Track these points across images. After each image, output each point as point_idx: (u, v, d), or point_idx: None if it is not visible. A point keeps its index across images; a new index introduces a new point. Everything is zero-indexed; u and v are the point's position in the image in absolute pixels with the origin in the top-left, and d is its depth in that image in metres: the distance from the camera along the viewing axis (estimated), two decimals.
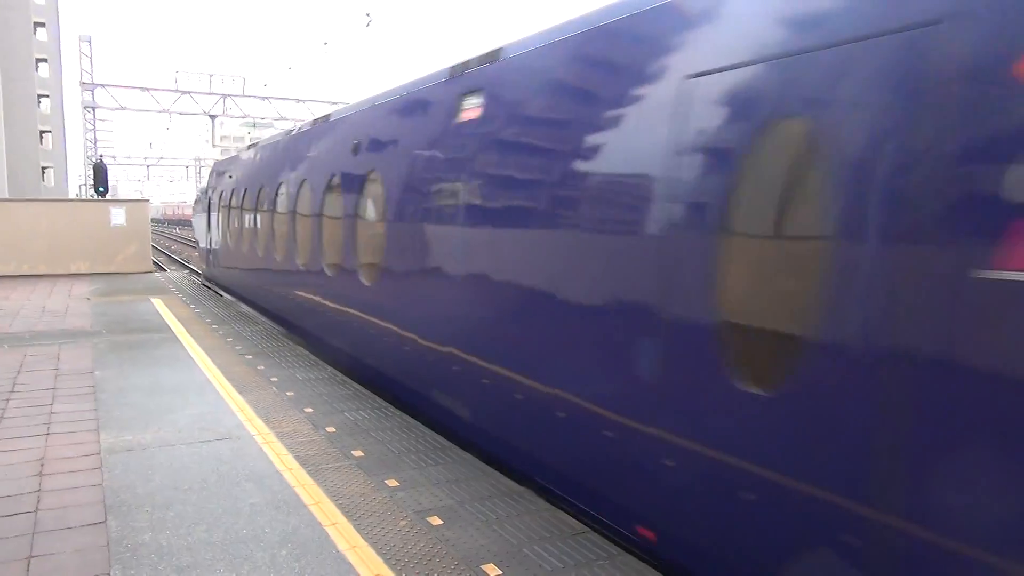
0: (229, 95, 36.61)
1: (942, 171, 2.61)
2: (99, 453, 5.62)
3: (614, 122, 4.31)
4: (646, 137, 4.02)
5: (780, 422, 3.22)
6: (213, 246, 18.37)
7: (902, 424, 2.76)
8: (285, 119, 36.72)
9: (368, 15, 26.14)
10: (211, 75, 37.15)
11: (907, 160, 2.72)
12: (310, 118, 13.50)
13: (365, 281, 7.97)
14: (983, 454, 2.54)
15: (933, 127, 2.65)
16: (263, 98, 37.24)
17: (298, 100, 37.65)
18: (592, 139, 4.47)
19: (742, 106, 3.47)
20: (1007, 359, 2.44)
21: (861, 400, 2.88)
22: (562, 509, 4.73)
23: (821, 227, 3.06)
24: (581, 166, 4.52)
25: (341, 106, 11.33)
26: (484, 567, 3.92)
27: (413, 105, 7.18)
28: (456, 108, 6.19)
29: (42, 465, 5.39)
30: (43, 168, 55.20)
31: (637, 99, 4.15)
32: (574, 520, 4.54)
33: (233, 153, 18.73)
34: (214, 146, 42.96)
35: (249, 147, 15.36)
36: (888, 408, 2.80)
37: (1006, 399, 2.45)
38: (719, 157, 3.55)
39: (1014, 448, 2.45)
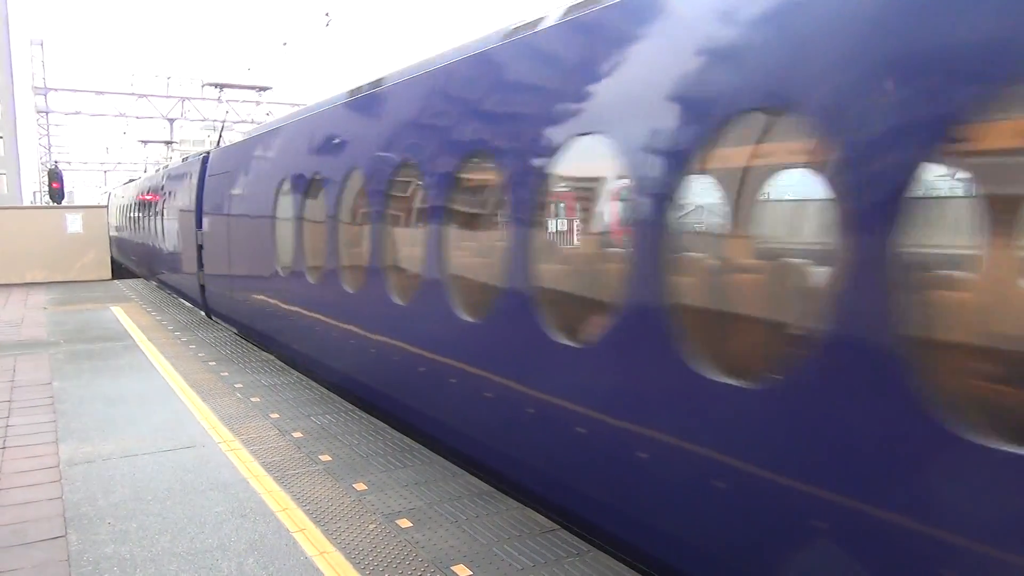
0: (187, 97, 36.01)
1: None
2: (58, 466, 5.49)
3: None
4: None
5: None
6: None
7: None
8: (245, 121, 36.21)
9: (327, 14, 25.92)
10: (168, 77, 36.60)
11: None
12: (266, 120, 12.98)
13: None
14: None
15: None
16: (222, 100, 36.66)
17: (257, 103, 37.15)
18: None
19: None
20: None
21: None
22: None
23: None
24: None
25: (302, 107, 11.02)
26: (454, 568, 3.92)
27: None
28: None
29: None
30: None
31: None
32: (544, 518, 4.56)
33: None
34: (173, 150, 42.23)
35: None
36: None
37: None
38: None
39: None
